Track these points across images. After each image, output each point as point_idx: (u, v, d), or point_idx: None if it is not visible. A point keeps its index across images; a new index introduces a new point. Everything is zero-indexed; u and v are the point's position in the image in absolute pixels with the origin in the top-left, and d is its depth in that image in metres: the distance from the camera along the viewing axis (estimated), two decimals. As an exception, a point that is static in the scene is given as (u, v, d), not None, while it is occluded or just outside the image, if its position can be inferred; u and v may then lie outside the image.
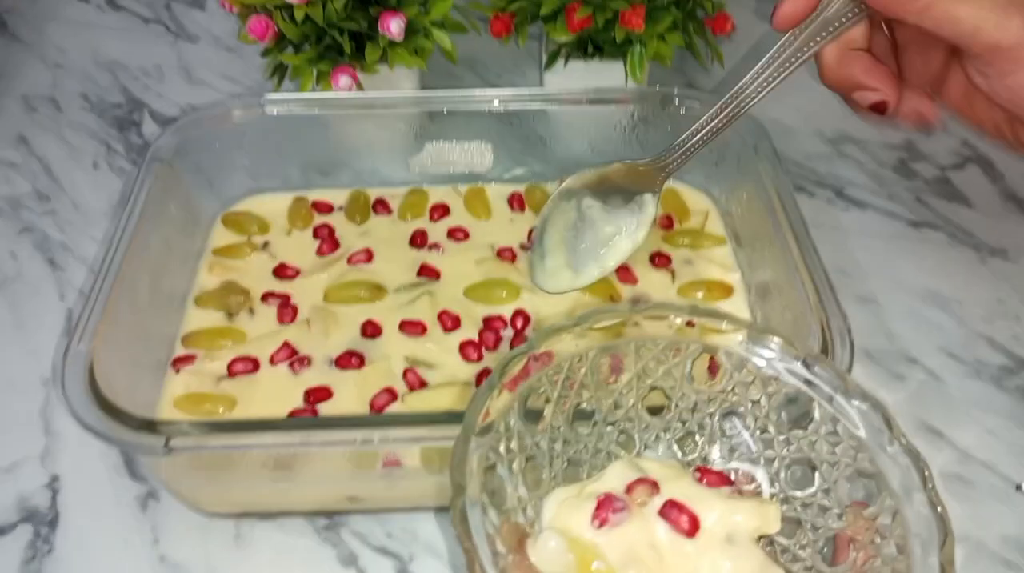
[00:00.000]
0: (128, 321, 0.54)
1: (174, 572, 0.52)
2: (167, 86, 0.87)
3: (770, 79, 0.50)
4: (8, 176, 0.78)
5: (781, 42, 0.49)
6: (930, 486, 0.38)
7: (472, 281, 0.64)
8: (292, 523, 0.54)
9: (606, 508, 0.39)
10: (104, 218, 0.74)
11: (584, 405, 0.44)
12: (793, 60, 0.49)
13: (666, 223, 0.69)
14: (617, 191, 0.57)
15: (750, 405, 0.44)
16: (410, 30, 0.68)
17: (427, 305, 0.62)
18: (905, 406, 0.60)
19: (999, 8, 0.46)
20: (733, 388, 0.45)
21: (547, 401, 0.43)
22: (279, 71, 0.71)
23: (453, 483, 0.37)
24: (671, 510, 0.39)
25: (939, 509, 0.37)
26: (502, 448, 0.40)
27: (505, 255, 0.67)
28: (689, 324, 0.44)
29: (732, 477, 0.44)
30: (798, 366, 0.43)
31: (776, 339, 0.44)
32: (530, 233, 0.68)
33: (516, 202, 0.71)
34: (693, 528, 0.39)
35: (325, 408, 0.57)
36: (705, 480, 0.43)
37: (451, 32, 0.71)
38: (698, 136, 0.54)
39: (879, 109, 0.50)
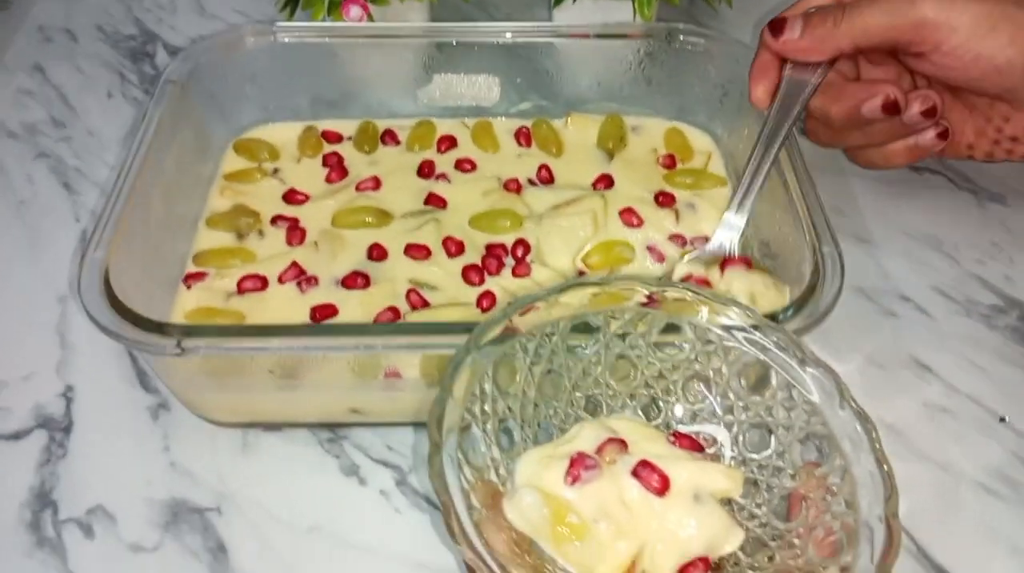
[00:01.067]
0: (141, 236, 0.55)
1: (183, 477, 0.54)
2: (180, 18, 0.88)
3: (766, 157, 0.58)
4: (24, 103, 0.79)
5: (767, 118, 0.59)
6: (877, 446, 0.40)
7: (478, 210, 0.65)
8: (297, 434, 0.56)
9: (579, 466, 0.40)
10: (117, 145, 0.75)
11: (554, 372, 0.46)
12: (783, 127, 0.58)
13: (668, 162, 0.70)
14: None
15: (711, 373, 0.46)
16: (422, -38, 0.69)
17: (432, 231, 0.64)
18: (896, 341, 0.62)
19: (905, 2, 0.55)
20: (696, 357, 0.46)
21: (519, 368, 0.45)
22: (291, 2, 0.72)
23: (431, 441, 0.39)
24: (643, 469, 0.41)
25: (885, 467, 0.39)
26: (477, 409, 0.42)
27: (511, 187, 0.68)
28: (652, 297, 0.46)
29: (699, 441, 0.46)
30: (756, 335, 0.45)
31: (736, 309, 0.45)
32: (540, 168, 0.69)
33: (523, 137, 0.72)
34: (663, 487, 0.40)
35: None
36: (678, 443, 0.45)
37: (462, -34, 0.72)
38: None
39: (891, 106, 0.57)
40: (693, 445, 0.45)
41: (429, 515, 0.53)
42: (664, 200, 0.66)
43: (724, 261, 0.58)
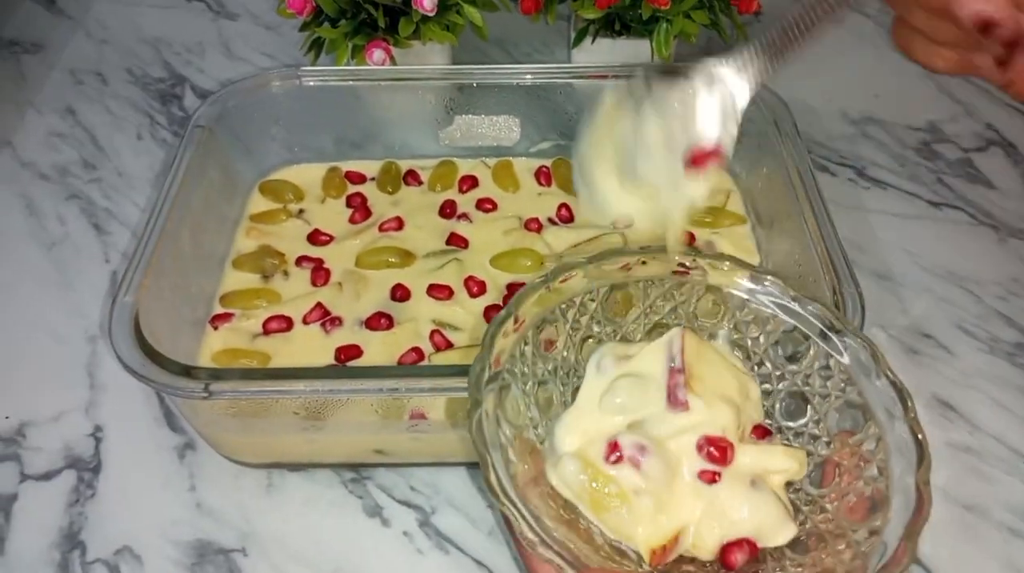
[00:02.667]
0: (170, 278, 0.57)
1: (209, 518, 0.55)
2: (208, 62, 0.90)
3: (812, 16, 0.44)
4: (56, 145, 0.81)
5: None
6: (912, 415, 0.40)
7: (499, 250, 0.66)
8: (321, 474, 0.57)
9: (625, 451, 0.40)
10: (147, 186, 0.77)
11: (593, 338, 0.47)
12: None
13: (688, 200, 0.70)
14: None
15: (749, 342, 0.47)
16: (442, 6, 0.70)
17: (455, 271, 0.64)
18: (919, 380, 0.61)
19: None
20: (735, 326, 0.47)
21: (559, 332, 0.46)
22: (315, 46, 0.74)
23: (471, 398, 0.40)
24: (707, 445, 0.40)
25: (919, 436, 0.40)
26: (517, 370, 0.43)
27: (532, 226, 0.68)
28: (693, 264, 0.47)
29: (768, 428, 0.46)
30: (795, 306, 0.45)
31: (775, 279, 0.46)
32: (560, 207, 0.70)
33: (543, 176, 0.72)
34: (725, 459, 0.40)
35: (355, 366, 0.59)
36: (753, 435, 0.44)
37: (482, 9, 0.73)
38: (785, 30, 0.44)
39: (985, 26, 0.40)
40: (763, 433, 0.45)
41: (452, 556, 0.53)
42: (685, 239, 0.66)
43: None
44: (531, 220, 0.69)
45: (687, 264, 0.46)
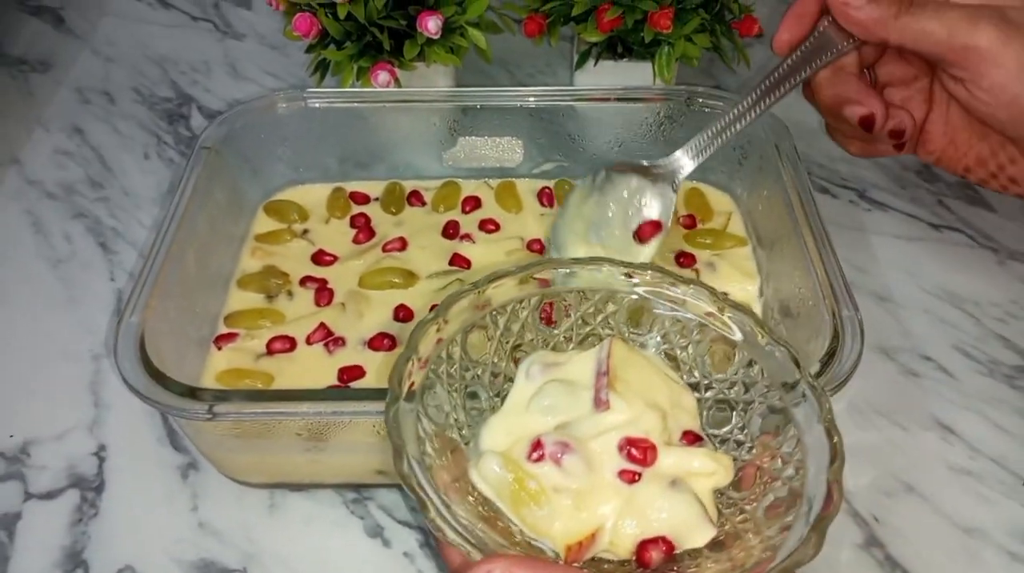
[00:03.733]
0: (176, 298, 0.57)
1: (211, 536, 0.55)
2: (214, 81, 0.91)
3: (767, 97, 0.57)
4: (63, 163, 0.82)
5: (779, 64, 0.57)
6: (829, 417, 0.41)
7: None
8: (322, 495, 0.57)
9: (548, 449, 0.41)
10: (153, 205, 0.77)
11: (524, 346, 0.48)
12: (790, 81, 0.56)
13: (689, 222, 0.71)
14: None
15: (678, 352, 0.48)
16: (447, 29, 0.71)
17: (457, 292, 0.65)
18: (918, 402, 0.62)
19: (967, 17, 0.51)
20: (664, 336, 0.48)
21: (489, 338, 0.47)
22: (321, 67, 0.74)
23: (391, 390, 0.41)
24: (628, 445, 0.41)
25: (835, 438, 0.41)
26: (442, 371, 0.44)
27: (535, 247, 0.69)
28: (624, 276, 0.48)
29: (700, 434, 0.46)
30: (722, 315, 0.47)
31: (703, 290, 0.47)
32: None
33: (545, 197, 0.73)
34: (646, 460, 0.41)
35: (358, 386, 0.59)
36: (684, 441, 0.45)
37: (486, 31, 0.73)
38: (697, 144, 0.60)
39: (867, 123, 0.57)
40: (693, 439, 0.45)
41: (453, 577, 0.53)
42: (685, 261, 0.67)
43: None
44: (534, 241, 0.69)
45: (622, 274, 0.48)
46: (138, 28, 0.98)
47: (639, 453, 0.41)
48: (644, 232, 0.59)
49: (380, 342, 0.61)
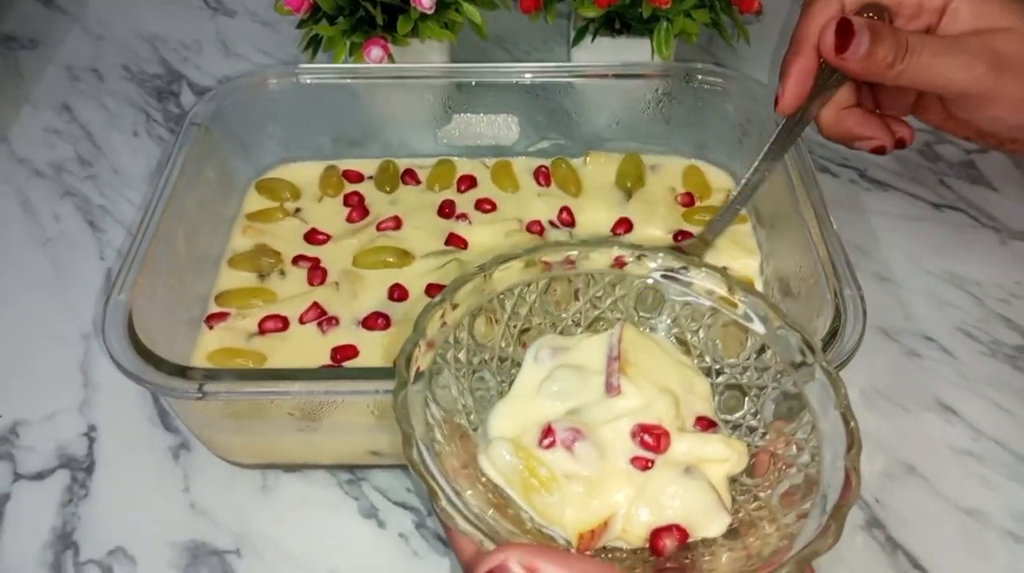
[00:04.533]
0: (165, 277, 0.56)
1: (203, 517, 0.55)
2: (205, 58, 0.89)
3: (777, 152, 0.58)
4: (52, 142, 0.80)
5: (780, 125, 0.58)
6: (844, 403, 0.40)
7: (500, 251, 0.65)
8: (316, 475, 0.56)
9: (559, 435, 0.40)
10: (143, 183, 0.76)
11: (532, 330, 0.47)
12: (797, 129, 0.57)
13: (687, 200, 0.70)
14: None
15: (689, 336, 0.47)
16: (441, 4, 0.70)
17: (455, 271, 0.64)
18: (920, 383, 0.61)
19: (964, 63, 0.52)
20: (674, 319, 0.47)
21: (496, 321, 0.46)
22: (313, 43, 0.73)
23: (398, 376, 0.40)
24: (641, 432, 0.41)
25: (851, 424, 0.40)
26: (450, 356, 0.43)
27: (534, 228, 0.68)
28: (635, 258, 0.47)
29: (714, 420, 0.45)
30: (733, 297, 0.46)
31: (714, 273, 0.46)
32: (561, 211, 0.69)
33: (542, 176, 0.72)
34: (659, 446, 0.40)
35: (351, 366, 0.58)
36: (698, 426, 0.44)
37: (481, 7, 0.72)
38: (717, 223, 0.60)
39: (879, 151, 0.58)
40: (707, 425, 0.44)
41: (448, 559, 0.53)
42: (683, 239, 0.66)
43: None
44: (533, 222, 0.68)
45: (626, 257, 0.47)
46: (129, 6, 0.96)
47: (652, 440, 0.40)
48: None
49: (374, 322, 0.60)
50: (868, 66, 0.52)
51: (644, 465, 0.40)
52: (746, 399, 0.45)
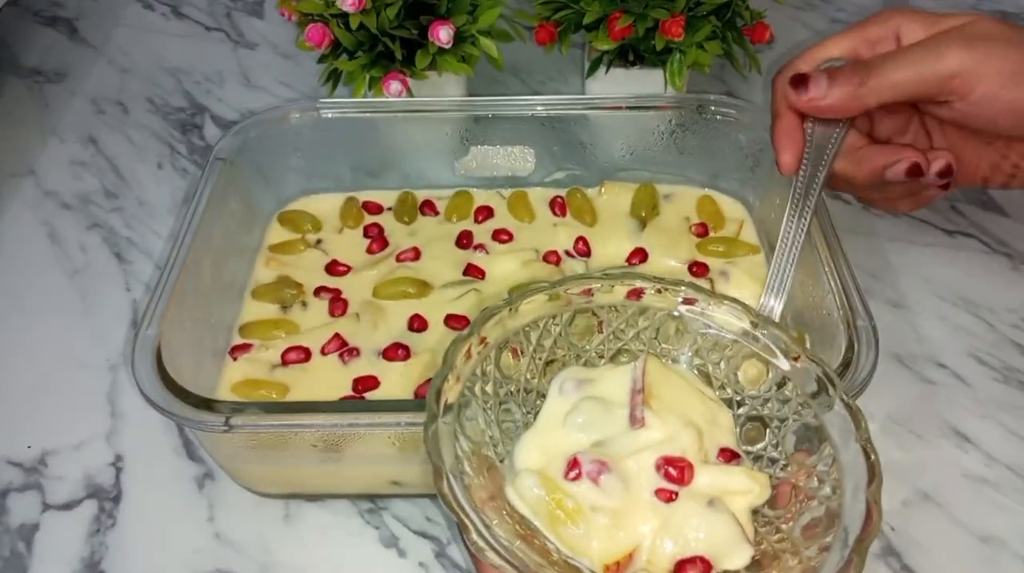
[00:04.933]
0: (192, 309, 0.57)
1: (228, 546, 0.56)
2: (227, 91, 0.91)
3: (801, 223, 0.57)
4: (78, 174, 0.82)
5: (795, 182, 0.58)
6: (865, 436, 0.41)
7: (517, 282, 0.66)
8: (338, 505, 0.57)
9: (585, 468, 0.41)
10: (168, 215, 0.78)
11: (557, 361, 0.48)
12: (812, 191, 0.57)
13: (701, 231, 0.71)
14: None
15: (711, 368, 0.48)
16: (458, 38, 0.71)
17: (473, 302, 0.65)
18: (933, 409, 0.62)
19: (929, 52, 0.53)
20: (696, 351, 0.48)
21: (521, 354, 0.47)
22: (333, 77, 0.75)
23: (428, 411, 0.41)
24: (666, 465, 0.41)
25: (872, 457, 0.40)
26: (477, 389, 0.44)
27: (551, 259, 0.69)
28: (657, 291, 0.48)
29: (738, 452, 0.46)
30: (753, 330, 0.47)
31: (736, 306, 0.47)
32: (577, 241, 0.70)
33: (558, 207, 0.73)
34: (683, 479, 0.41)
35: (372, 396, 0.60)
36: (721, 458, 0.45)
37: (497, 40, 0.74)
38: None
39: (916, 171, 0.57)
40: (730, 457, 0.45)
41: (468, 588, 0.54)
42: (698, 270, 0.67)
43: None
44: (550, 253, 0.69)
45: (648, 289, 0.48)
46: (152, 38, 0.99)
47: (676, 472, 0.41)
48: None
49: (395, 352, 0.62)
50: (838, 97, 0.55)
51: (668, 497, 0.41)
52: (767, 431, 0.46)
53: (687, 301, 0.48)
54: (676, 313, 0.48)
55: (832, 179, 0.62)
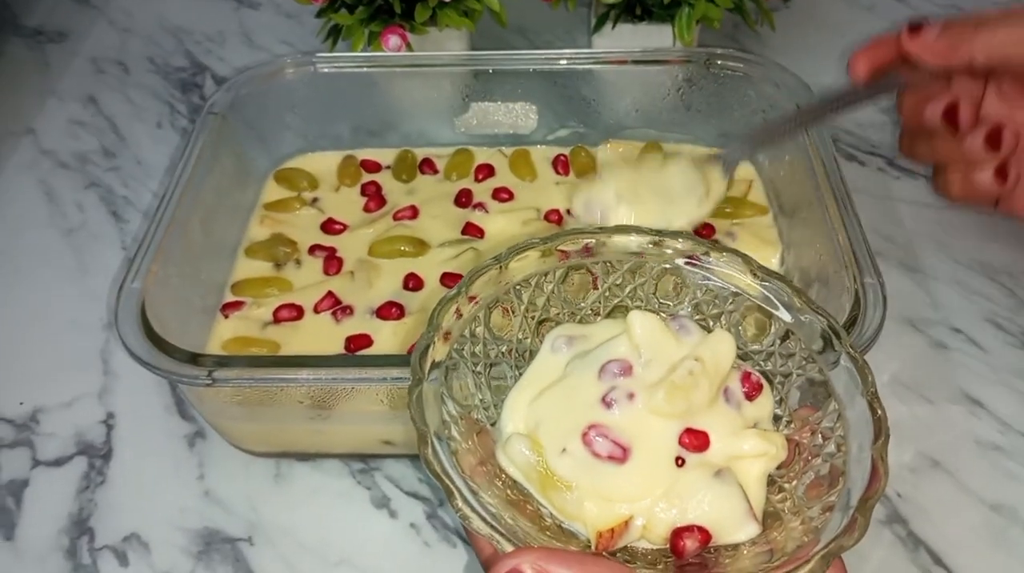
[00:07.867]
0: (180, 265, 0.56)
1: (217, 505, 0.55)
2: (228, 50, 0.90)
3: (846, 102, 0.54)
4: (77, 133, 0.81)
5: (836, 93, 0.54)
6: (872, 390, 0.39)
7: (516, 242, 0.64)
8: (329, 465, 0.56)
9: (601, 442, 0.39)
10: (166, 175, 0.77)
11: (550, 320, 0.46)
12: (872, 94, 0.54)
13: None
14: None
15: (711, 322, 0.46)
16: (460, -9, 0.69)
17: (471, 261, 0.63)
18: (947, 375, 0.59)
19: None
20: (695, 306, 0.46)
21: (513, 313, 0.44)
22: (333, 33, 0.73)
23: (413, 374, 0.39)
24: (688, 436, 0.39)
25: (879, 412, 0.38)
26: (467, 350, 0.42)
27: (552, 218, 0.67)
28: (653, 244, 0.45)
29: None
30: (755, 283, 0.44)
31: (736, 257, 0.45)
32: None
33: (561, 165, 0.71)
34: (703, 445, 0.39)
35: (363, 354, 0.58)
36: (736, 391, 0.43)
37: (501, -5, 0.72)
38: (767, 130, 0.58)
39: (951, 114, 0.52)
40: (752, 388, 0.43)
41: (459, 549, 0.52)
42: (704, 231, 0.65)
43: None
44: (551, 211, 0.68)
45: (645, 242, 0.46)
46: (154, -1, 0.97)
47: (691, 439, 0.39)
48: None
49: (389, 311, 0.60)
50: (946, 43, 0.51)
51: (679, 462, 0.39)
52: (771, 387, 0.44)
53: (685, 253, 0.46)
54: (673, 266, 0.46)
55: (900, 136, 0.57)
